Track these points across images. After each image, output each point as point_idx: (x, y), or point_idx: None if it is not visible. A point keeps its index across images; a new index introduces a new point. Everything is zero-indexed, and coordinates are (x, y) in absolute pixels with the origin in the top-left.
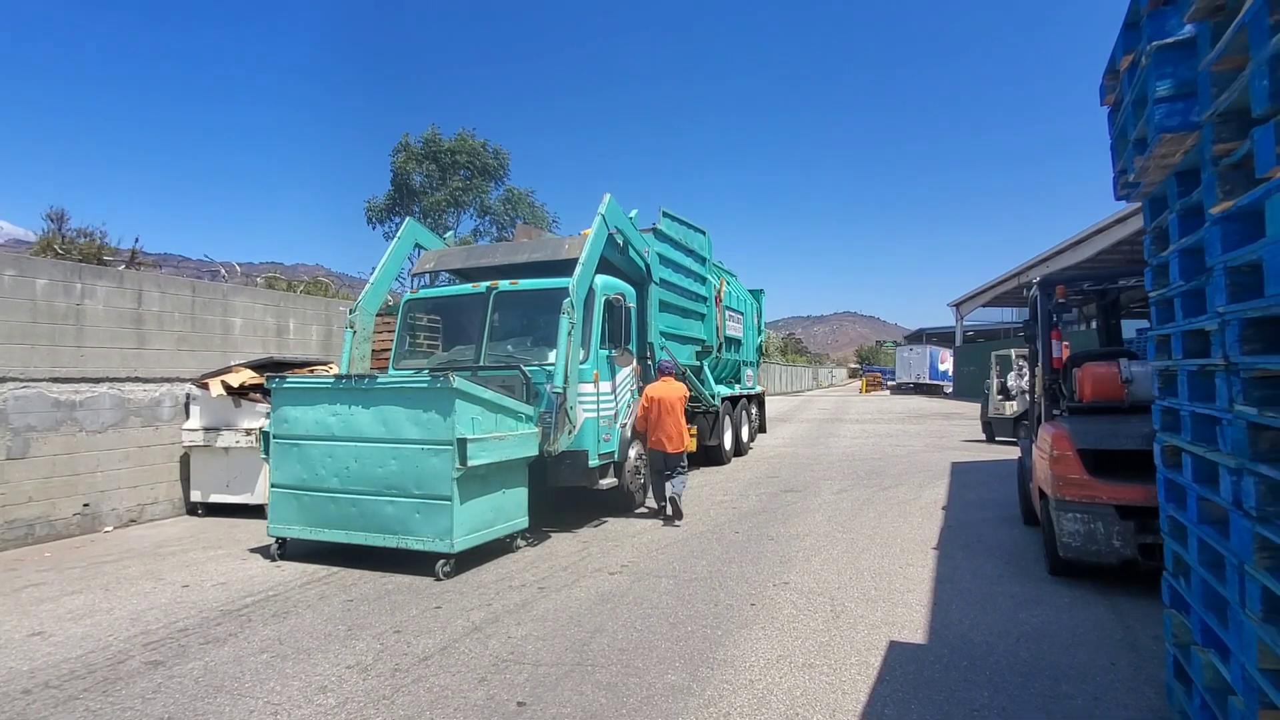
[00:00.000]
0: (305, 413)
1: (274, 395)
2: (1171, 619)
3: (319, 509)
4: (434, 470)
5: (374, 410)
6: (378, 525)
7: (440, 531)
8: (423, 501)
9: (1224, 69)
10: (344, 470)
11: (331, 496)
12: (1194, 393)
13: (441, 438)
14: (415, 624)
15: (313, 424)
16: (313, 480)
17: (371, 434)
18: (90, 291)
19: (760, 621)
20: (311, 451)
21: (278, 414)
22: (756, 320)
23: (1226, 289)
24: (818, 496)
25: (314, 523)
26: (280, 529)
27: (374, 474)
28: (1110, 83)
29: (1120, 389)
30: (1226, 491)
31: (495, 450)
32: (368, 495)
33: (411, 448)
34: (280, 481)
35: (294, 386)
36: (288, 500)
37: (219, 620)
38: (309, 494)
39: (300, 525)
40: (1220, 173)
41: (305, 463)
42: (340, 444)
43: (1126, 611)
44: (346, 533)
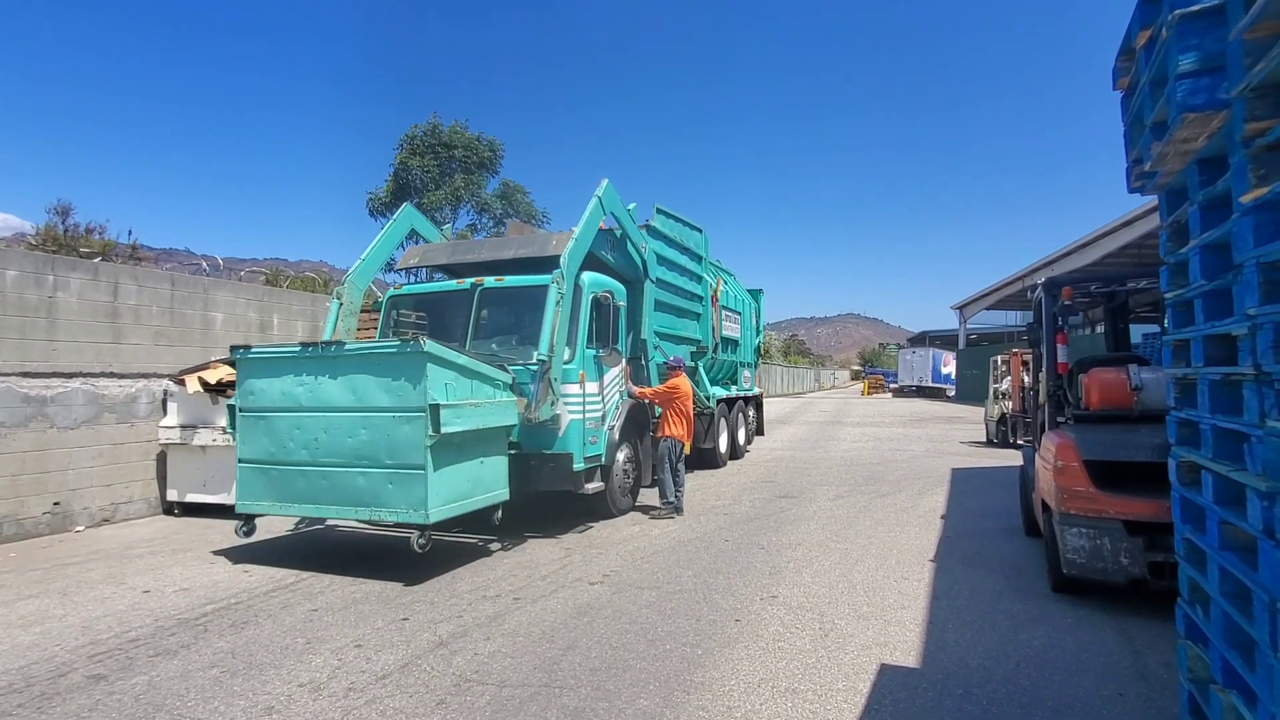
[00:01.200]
0: (272, 383)
1: (239, 366)
2: (1187, 651)
3: (288, 483)
4: (406, 438)
5: (342, 378)
6: (349, 498)
7: (415, 502)
8: (395, 471)
9: (1260, 35)
10: (313, 442)
11: (301, 470)
12: (1217, 404)
13: (413, 404)
14: (378, 637)
15: (279, 395)
16: (281, 453)
17: (341, 403)
18: (63, 284)
19: (744, 639)
20: (279, 423)
21: (244, 386)
22: (755, 320)
23: (1259, 288)
24: (813, 503)
25: (283, 498)
26: (248, 505)
27: (344, 444)
28: (1125, 64)
29: (1129, 396)
30: (1255, 517)
31: (471, 417)
32: (338, 467)
33: (382, 416)
34: (247, 456)
35: (260, 356)
36: (256, 475)
37: (173, 630)
38: (277, 468)
39: (269, 500)
40: (1253, 155)
41: (273, 435)
42: (309, 414)
43: (1135, 635)
44: (317, 506)
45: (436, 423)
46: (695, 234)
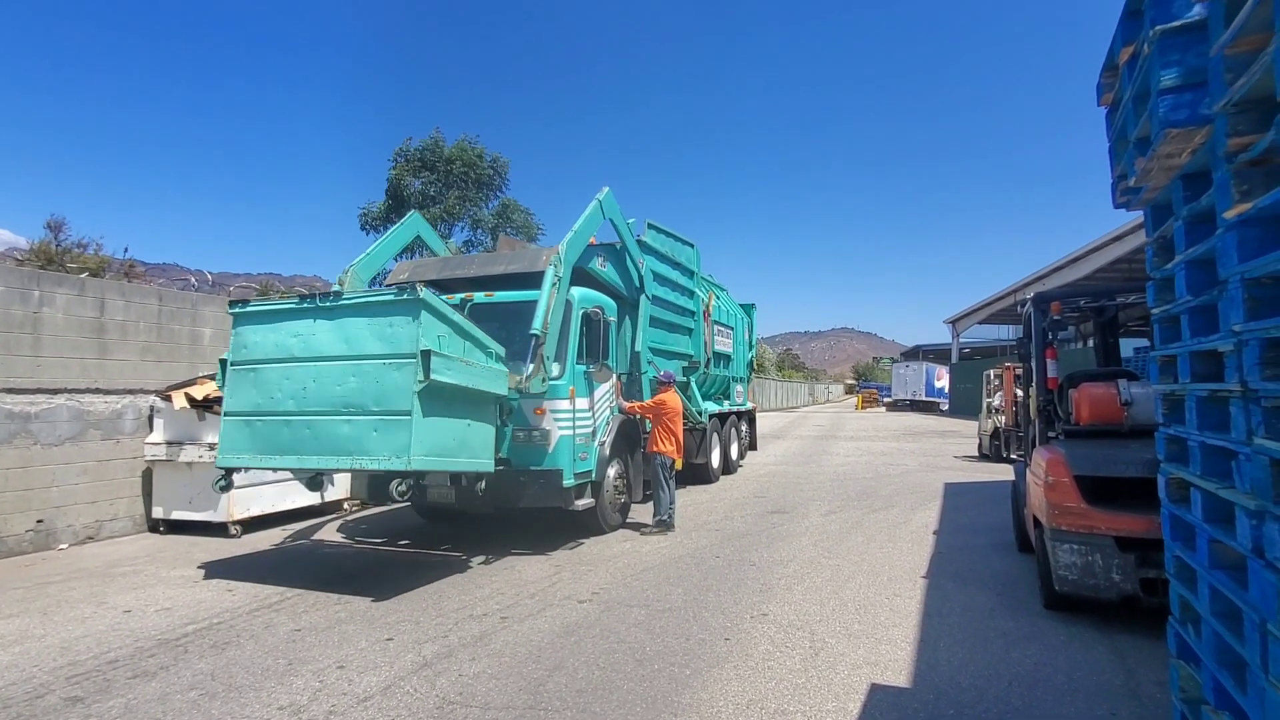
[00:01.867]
0: (266, 335)
1: (235, 320)
2: (1179, 670)
3: (272, 434)
4: (395, 384)
5: (337, 325)
6: (332, 447)
7: (398, 448)
8: (381, 418)
9: (1241, 51)
10: (301, 392)
11: (286, 420)
12: (1204, 421)
13: (405, 350)
14: (361, 658)
15: (272, 347)
16: (267, 404)
17: (332, 352)
18: (49, 299)
19: (733, 659)
20: (269, 375)
21: (237, 339)
22: (747, 335)
23: (1244, 304)
24: (805, 519)
25: (265, 449)
26: (228, 459)
27: (332, 393)
28: (1108, 80)
29: (1119, 411)
30: (1244, 536)
31: (461, 373)
32: (324, 415)
33: (373, 363)
34: (233, 409)
35: (256, 310)
36: (239, 428)
37: (153, 651)
38: (262, 419)
39: (250, 453)
40: (1236, 170)
41: (261, 387)
42: (299, 365)
43: (1127, 653)
44: (300, 457)
45: (427, 368)
46: (687, 249)
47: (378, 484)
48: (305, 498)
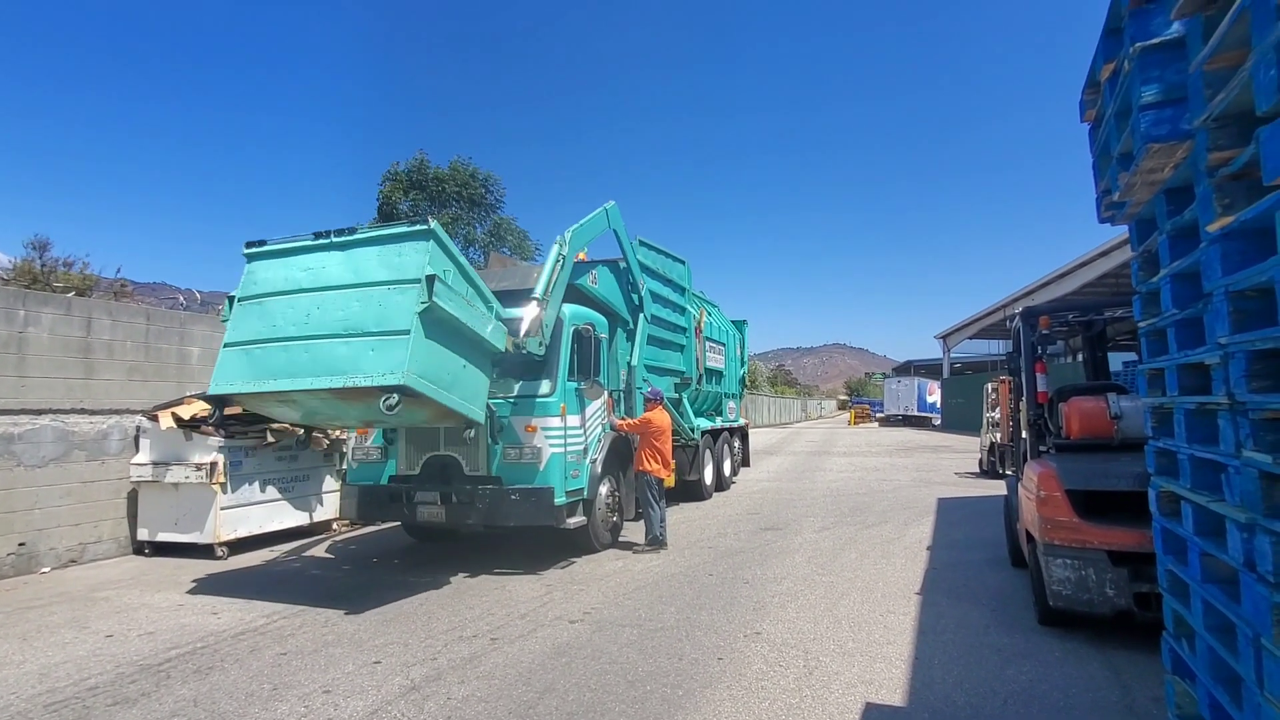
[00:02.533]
0: (276, 271)
1: (249, 259)
2: (1174, 686)
3: (268, 360)
4: (397, 306)
5: (347, 257)
6: (326, 368)
7: (393, 364)
8: (379, 338)
9: (1219, 67)
10: (303, 319)
11: (284, 345)
12: (1193, 434)
13: (410, 276)
14: (348, 682)
15: (281, 280)
16: (268, 333)
17: (339, 281)
18: (35, 319)
19: (726, 679)
20: (274, 306)
21: (248, 276)
22: (739, 351)
23: (1229, 317)
24: (799, 535)
25: (259, 375)
26: (221, 386)
27: (333, 318)
28: (1090, 96)
29: (1109, 425)
30: (1236, 549)
31: (462, 309)
32: (323, 339)
33: (378, 288)
34: (233, 340)
35: (271, 248)
36: (237, 357)
37: (134, 677)
38: (261, 346)
39: (243, 380)
40: (1217, 184)
41: (265, 317)
42: (305, 294)
43: (1122, 668)
44: (292, 379)
45: (430, 290)
46: (678, 266)
47: (367, 502)
48: (293, 518)
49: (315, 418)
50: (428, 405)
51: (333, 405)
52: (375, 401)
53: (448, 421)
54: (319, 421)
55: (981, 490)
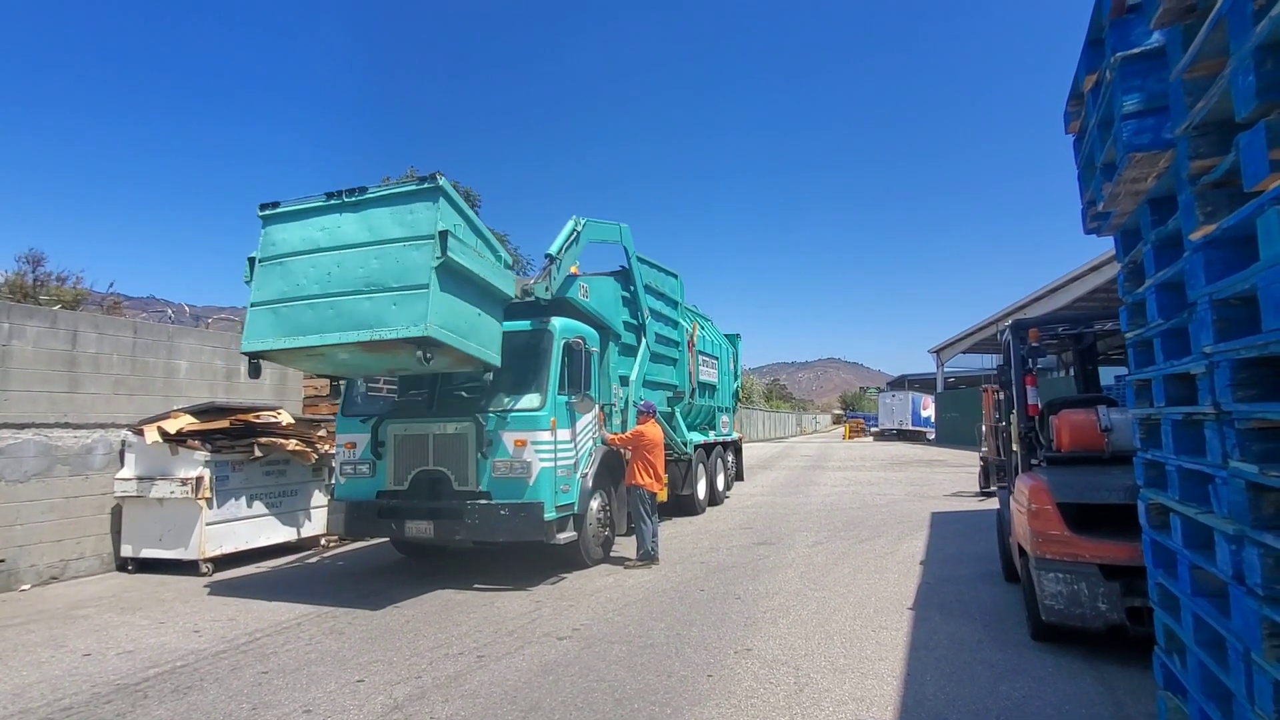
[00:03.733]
0: (294, 232)
1: (264, 221)
2: (1166, 702)
3: (295, 317)
4: (414, 262)
5: (361, 217)
6: (353, 323)
7: (415, 317)
8: (400, 293)
9: (1199, 75)
10: (325, 277)
11: (310, 304)
12: (1180, 445)
13: (424, 232)
14: (330, 701)
15: (299, 240)
16: (293, 291)
17: (357, 240)
18: (19, 332)
19: (715, 697)
20: (295, 265)
21: (266, 238)
22: (732, 365)
23: (1213, 325)
24: (792, 550)
25: (289, 332)
26: (254, 344)
27: (354, 275)
28: (1074, 108)
29: (1100, 438)
30: (1225, 562)
31: (474, 260)
32: (347, 296)
33: (395, 245)
34: (259, 300)
35: (286, 210)
36: (265, 316)
37: (110, 697)
38: (287, 305)
39: (274, 336)
40: (1199, 193)
41: (288, 277)
42: (324, 253)
43: (1116, 684)
44: (321, 335)
45: (444, 246)
46: (670, 279)
47: (355, 518)
48: (281, 534)
49: (344, 369)
50: (449, 353)
51: (360, 357)
52: (400, 352)
53: (466, 366)
54: (348, 372)
55: (974, 504)
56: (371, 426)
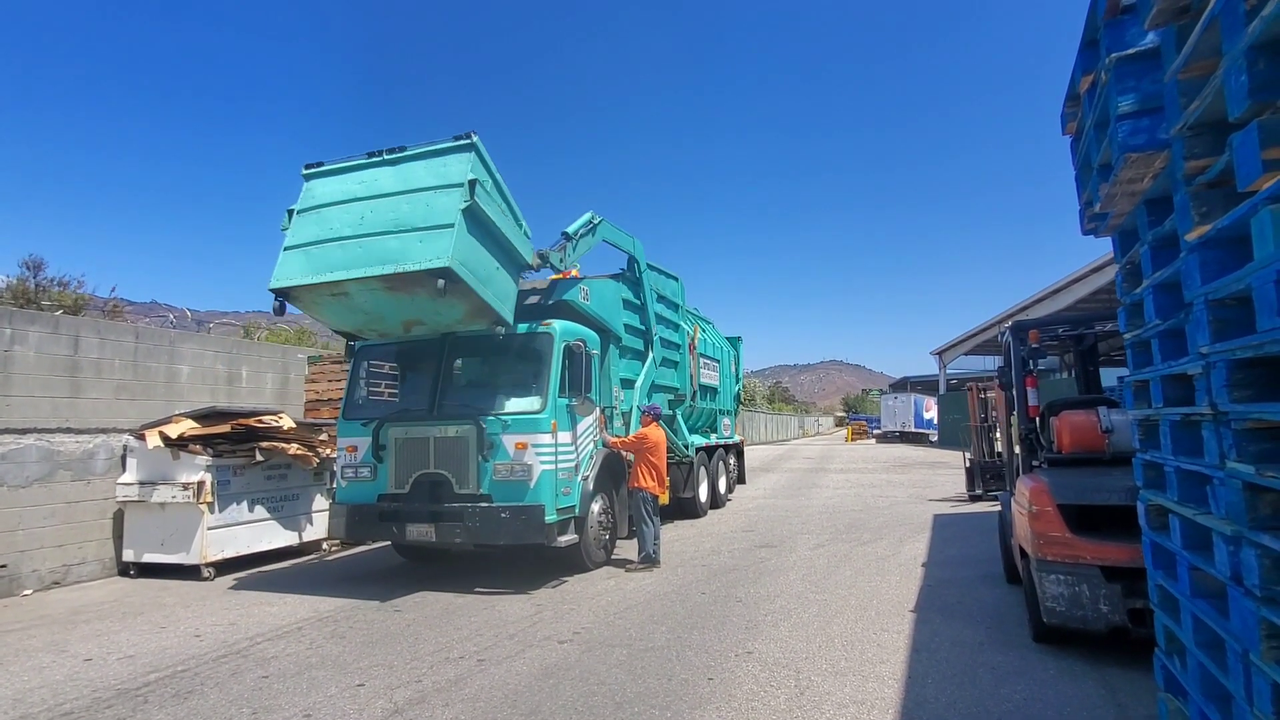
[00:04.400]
0: (333, 185)
1: (306, 178)
2: (1167, 704)
3: (325, 256)
4: (442, 204)
5: (397, 170)
6: (379, 259)
7: (438, 251)
8: (426, 231)
9: (1193, 75)
10: (358, 220)
11: (341, 244)
12: (1179, 446)
13: (455, 180)
14: (330, 706)
15: (338, 192)
16: (325, 234)
17: (391, 189)
18: (21, 337)
19: (716, 700)
20: (330, 213)
21: (306, 192)
22: (734, 368)
23: (1209, 326)
24: (793, 552)
25: (317, 269)
26: (280, 281)
27: (385, 218)
28: (1071, 109)
29: (1100, 439)
30: (1223, 563)
31: (498, 216)
32: (375, 235)
33: (425, 192)
34: (293, 244)
35: (328, 167)
36: (296, 257)
37: (111, 702)
38: (318, 246)
39: (302, 274)
40: (1194, 193)
41: (322, 223)
42: (360, 201)
43: (1118, 686)
44: (348, 270)
45: (472, 192)
46: (672, 282)
47: (356, 522)
48: (282, 538)
49: (366, 319)
50: (466, 298)
51: (381, 300)
52: (422, 293)
53: (479, 320)
54: (367, 324)
55: (975, 506)
56: (372, 430)
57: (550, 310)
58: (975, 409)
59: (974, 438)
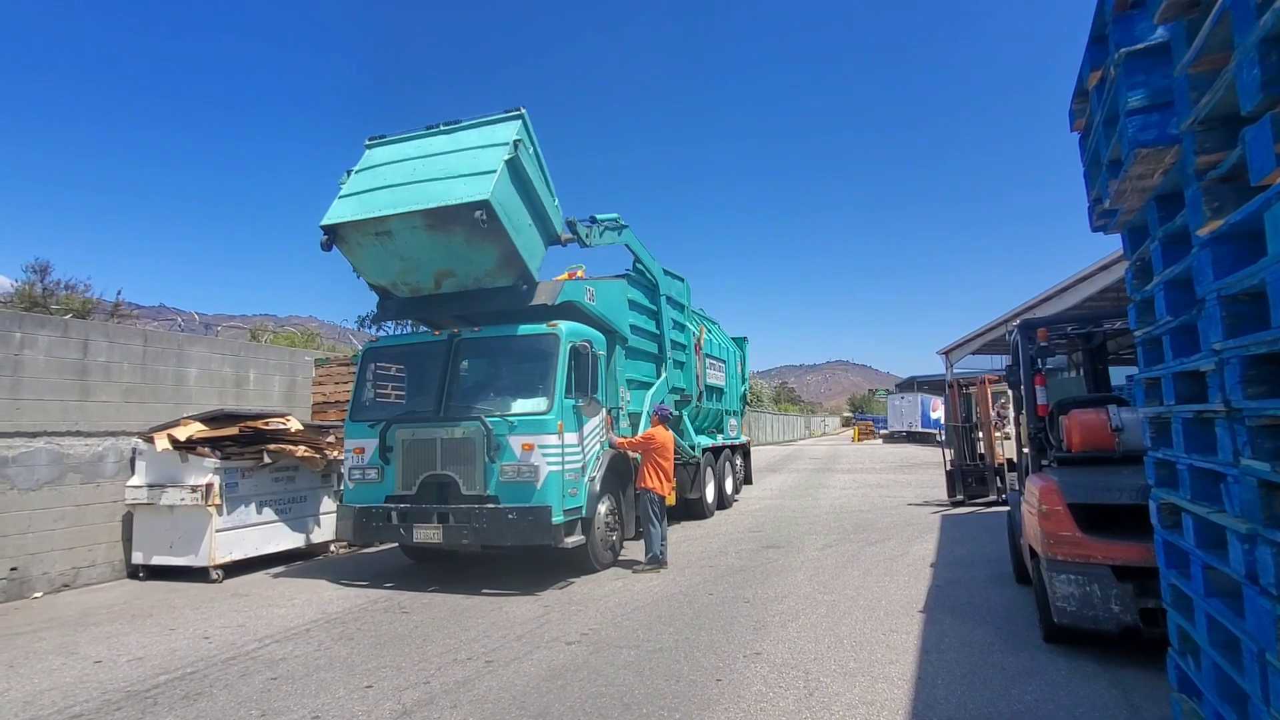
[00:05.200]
0: (392, 150)
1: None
2: (1181, 705)
3: (374, 200)
4: (487, 156)
5: (451, 136)
6: (424, 198)
7: (479, 188)
8: (471, 176)
9: (1204, 70)
10: (409, 172)
11: (390, 189)
12: (1191, 443)
13: (500, 140)
14: (338, 707)
15: (395, 154)
16: (378, 184)
17: (442, 150)
18: (31, 341)
19: (724, 701)
20: (384, 169)
21: (366, 157)
22: (740, 368)
23: (1222, 321)
24: (801, 553)
25: (367, 210)
26: (330, 219)
27: (432, 168)
28: (1079, 106)
29: (1110, 438)
30: (1238, 561)
31: (537, 178)
32: (422, 181)
33: (473, 149)
34: (347, 193)
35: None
36: (348, 202)
37: (120, 704)
38: (370, 193)
39: (350, 213)
40: (1206, 188)
41: (377, 177)
42: (413, 159)
43: (1130, 686)
44: (394, 207)
45: (515, 149)
46: (677, 283)
47: (363, 523)
48: (290, 540)
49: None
50: (499, 241)
51: (421, 240)
52: (459, 232)
53: (506, 273)
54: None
55: (984, 506)
56: (379, 432)
57: (556, 311)
58: (956, 407)
59: (955, 438)
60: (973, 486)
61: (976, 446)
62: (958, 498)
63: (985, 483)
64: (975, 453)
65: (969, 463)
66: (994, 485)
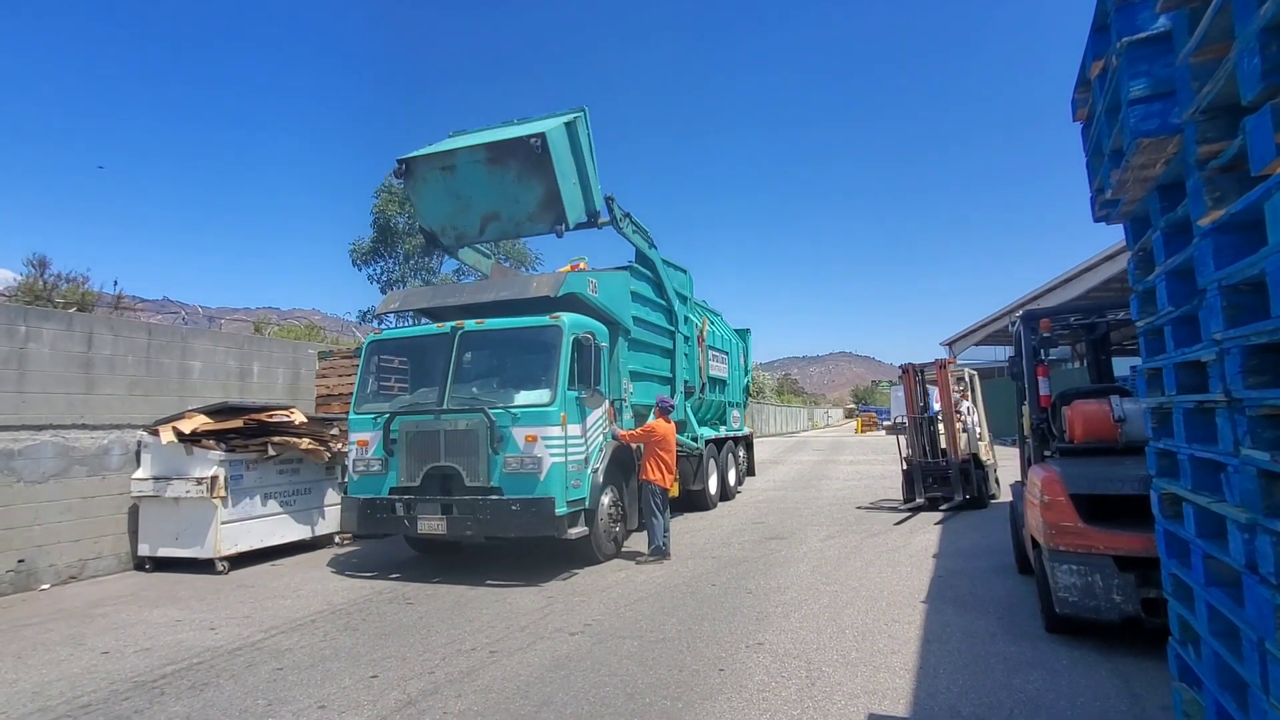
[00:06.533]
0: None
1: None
2: (1181, 694)
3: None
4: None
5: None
6: (489, 137)
7: (537, 128)
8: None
9: (1205, 59)
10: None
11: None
12: (1192, 433)
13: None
14: (344, 697)
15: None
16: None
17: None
18: (36, 334)
19: (727, 690)
20: (461, 135)
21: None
22: (742, 360)
23: (1223, 311)
24: (803, 544)
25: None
26: (409, 155)
27: (500, 132)
28: (1082, 95)
29: (1113, 428)
30: (1237, 551)
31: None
32: (488, 130)
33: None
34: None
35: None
36: (422, 150)
37: (128, 694)
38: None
39: (427, 149)
40: (1207, 178)
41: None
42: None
43: (1131, 676)
44: (460, 142)
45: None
46: (680, 274)
47: (367, 515)
48: (295, 532)
49: (454, 207)
50: (546, 178)
51: (479, 176)
52: (514, 165)
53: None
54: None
55: (953, 512)
56: (383, 424)
57: (559, 303)
58: (912, 396)
59: (911, 432)
60: (934, 486)
61: (938, 441)
62: (917, 501)
63: (948, 481)
64: (937, 448)
65: (929, 459)
66: (959, 486)
